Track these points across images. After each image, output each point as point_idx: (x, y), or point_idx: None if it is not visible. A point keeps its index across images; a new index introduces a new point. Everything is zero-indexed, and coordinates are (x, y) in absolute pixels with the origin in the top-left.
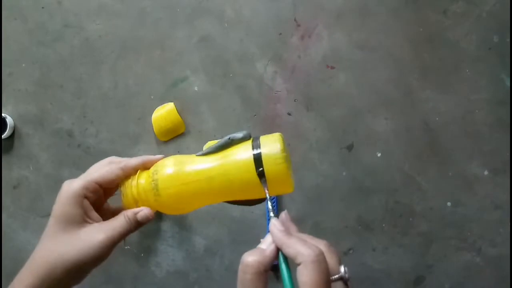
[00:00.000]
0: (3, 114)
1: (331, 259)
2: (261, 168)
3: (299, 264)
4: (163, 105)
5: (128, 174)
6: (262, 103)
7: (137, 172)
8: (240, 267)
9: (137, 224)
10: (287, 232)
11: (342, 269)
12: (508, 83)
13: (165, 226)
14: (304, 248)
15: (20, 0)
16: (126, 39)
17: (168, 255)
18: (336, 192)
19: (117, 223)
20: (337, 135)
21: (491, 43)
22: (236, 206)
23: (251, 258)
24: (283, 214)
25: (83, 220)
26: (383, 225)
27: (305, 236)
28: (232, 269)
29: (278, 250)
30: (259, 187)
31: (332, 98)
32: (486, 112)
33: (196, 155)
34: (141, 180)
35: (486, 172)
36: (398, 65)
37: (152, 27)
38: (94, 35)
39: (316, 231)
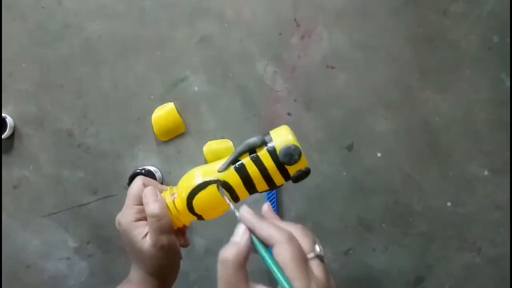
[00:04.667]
0: (3, 114)
1: (306, 240)
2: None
3: (272, 247)
4: (163, 105)
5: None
6: (262, 103)
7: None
8: (219, 264)
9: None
10: (259, 216)
11: (317, 248)
12: (508, 83)
13: None
14: (275, 231)
15: (20, 0)
16: (126, 39)
17: None
18: (336, 192)
19: None
20: (337, 135)
21: (491, 43)
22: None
23: (228, 253)
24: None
25: None
26: (383, 225)
27: (278, 221)
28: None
29: (251, 238)
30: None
31: (332, 98)
32: (486, 112)
33: (219, 171)
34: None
35: (486, 172)
36: (398, 65)
37: (152, 27)
38: (94, 35)
39: (316, 231)
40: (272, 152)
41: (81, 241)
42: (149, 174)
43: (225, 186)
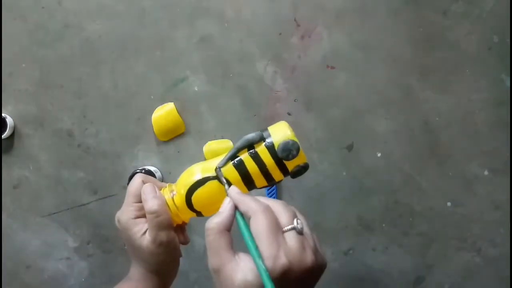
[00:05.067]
0: (3, 114)
1: (285, 213)
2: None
3: (250, 218)
4: (163, 105)
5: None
6: (262, 103)
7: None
8: (205, 233)
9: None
10: (242, 193)
11: (295, 221)
12: (508, 83)
13: None
14: (253, 203)
15: (20, 0)
16: (126, 39)
17: None
18: (336, 192)
19: None
20: (337, 135)
21: (491, 43)
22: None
23: (212, 221)
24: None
25: None
26: (383, 225)
27: (263, 198)
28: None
29: (234, 210)
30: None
31: (332, 98)
32: (486, 112)
33: (218, 167)
34: (168, 196)
35: (486, 172)
36: (398, 65)
37: (152, 27)
38: (94, 35)
39: (316, 231)
40: (271, 148)
41: (81, 241)
42: (149, 174)
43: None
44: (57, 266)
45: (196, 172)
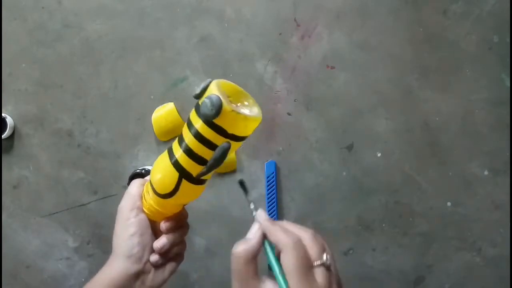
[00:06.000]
0: (3, 114)
1: (314, 247)
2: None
3: (280, 251)
4: (163, 105)
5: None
6: (262, 103)
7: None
8: (231, 258)
9: None
10: (272, 220)
11: (324, 256)
12: (508, 83)
13: None
14: (284, 236)
15: (20, 0)
16: (126, 39)
17: None
18: (336, 192)
19: None
20: (337, 135)
21: (491, 43)
22: (236, 206)
23: (240, 248)
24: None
25: None
26: (383, 225)
27: (289, 225)
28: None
29: (263, 238)
30: (215, 135)
31: (332, 98)
32: (486, 112)
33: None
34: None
35: (486, 172)
36: (398, 65)
37: (152, 27)
38: (94, 35)
39: (316, 231)
40: (197, 108)
41: (81, 241)
42: (149, 174)
43: (177, 166)
44: (57, 266)
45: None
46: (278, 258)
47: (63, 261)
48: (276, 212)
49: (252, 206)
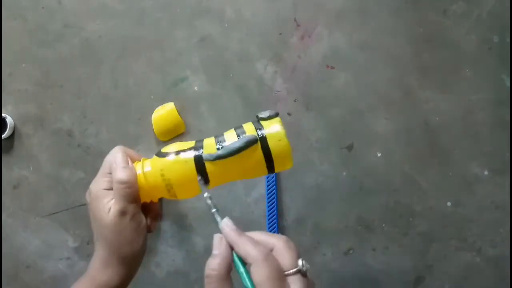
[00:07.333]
0: (3, 114)
1: (288, 254)
2: (267, 148)
3: (250, 265)
4: (163, 105)
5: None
6: (262, 103)
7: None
8: (205, 280)
9: None
10: (239, 231)
11: (300, 262)
12: (508, 83)
13: (165, 226)
14: (252, 249)
15: (20, 0)
16: (126, 39)
17: (168, 255)
18: (336, 192)
19: None
20: (337, 135)
21: (491, 43)
22: (236, 206)
23: (210, 267)
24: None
25: None
26: (383, 225)
27: (259, 235)
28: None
29: (230, 251)
30: (263, 167)
31: (332, 98)
32: (486, 112)
33: (205, 160)
34: (146, 169)
35: (486, 172)
36: (398, 65)
37: (152, 27)
38: (94, 35)
39: (316, 231)
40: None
41: (81, 241)
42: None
43: (200, 167)
44: (57, 266)
45: (172, 149)
46: (248, 271)
47: (63, 261)
48: (276, 212)
49: (214, 211)
